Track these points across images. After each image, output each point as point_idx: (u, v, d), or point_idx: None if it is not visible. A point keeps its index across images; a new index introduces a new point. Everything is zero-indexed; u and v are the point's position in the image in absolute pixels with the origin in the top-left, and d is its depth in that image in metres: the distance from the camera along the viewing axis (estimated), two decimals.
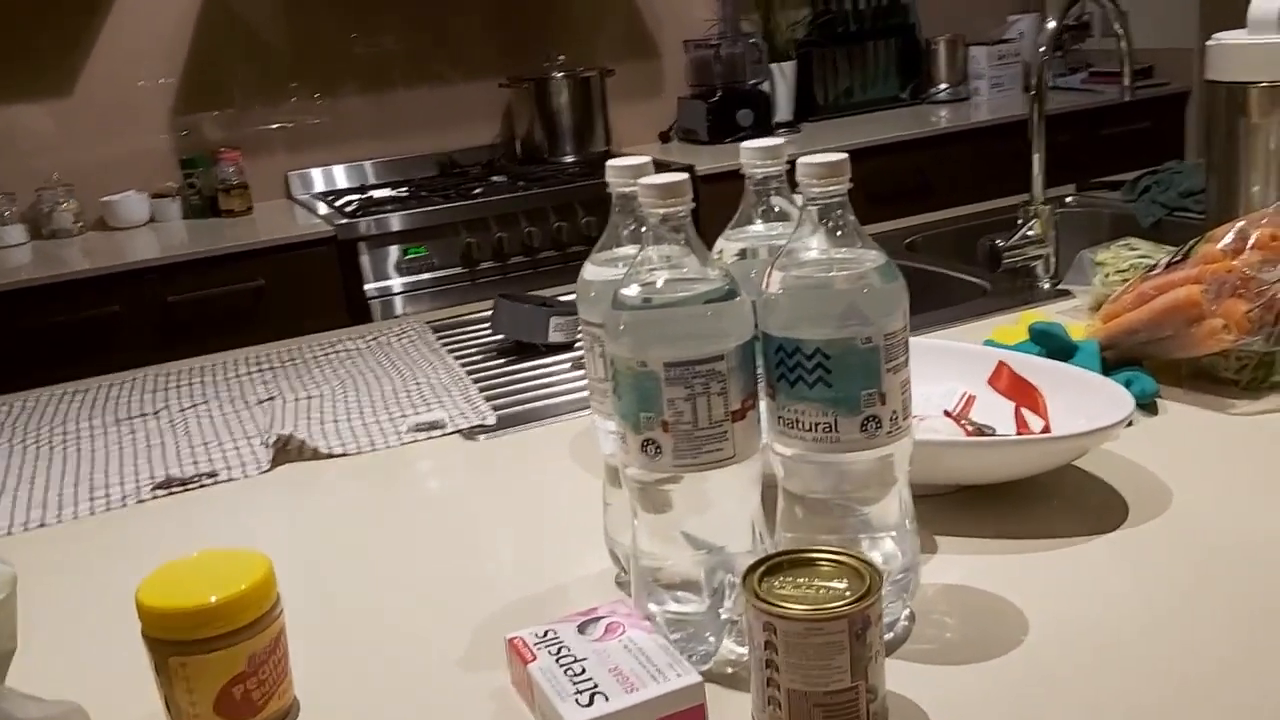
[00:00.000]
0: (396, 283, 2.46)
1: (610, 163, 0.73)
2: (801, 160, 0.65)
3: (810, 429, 0.66)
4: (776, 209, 0.77)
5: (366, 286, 2.43)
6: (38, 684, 0.68)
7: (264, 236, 2.41)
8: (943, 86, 3.23)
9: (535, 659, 0.66)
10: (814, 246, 0.67)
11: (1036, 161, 1.38)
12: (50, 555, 0.94)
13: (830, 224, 0.66)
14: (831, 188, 0.65)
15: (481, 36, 2.95)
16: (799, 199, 0.68)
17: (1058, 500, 0.86)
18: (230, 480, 1.05)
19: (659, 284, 0.66)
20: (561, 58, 2.90)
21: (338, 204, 2.61)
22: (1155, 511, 0.83)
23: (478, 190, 2.59)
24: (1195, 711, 0.61)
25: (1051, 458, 0.84)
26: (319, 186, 2.85)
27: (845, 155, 0.65)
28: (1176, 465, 0.89)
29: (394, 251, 2.44)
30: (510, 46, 2.98)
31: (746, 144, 0.74)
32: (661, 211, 0.65)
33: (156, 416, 1.23)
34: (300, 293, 2.38)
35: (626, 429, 0.66)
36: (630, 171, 0.72)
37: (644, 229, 0.67)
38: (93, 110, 2.67)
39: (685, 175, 0.65)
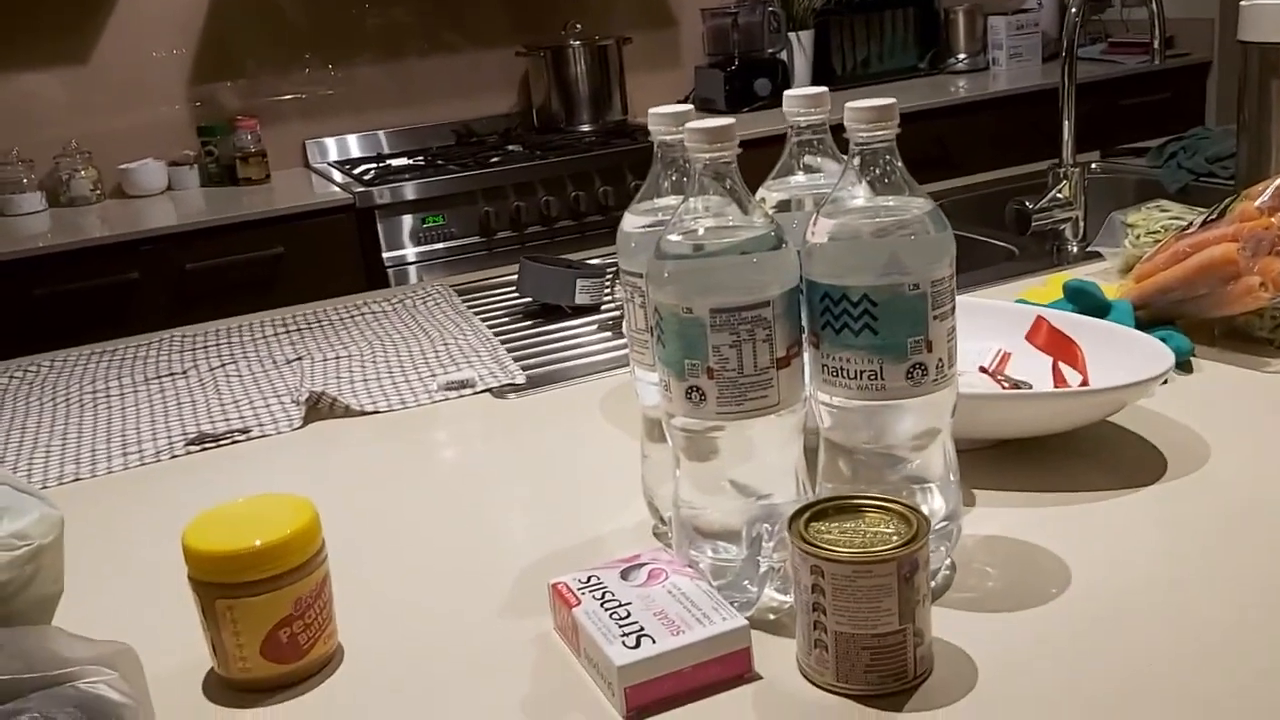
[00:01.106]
0: (413, 252, 2.46)
1: (653, 110, 0.72)
2: (850, 104, 0.65)
3: (855, 376, 0.66)
4: (817, 160, 0.77)
5: (384, 255, 2.43)
6: (84, 629, 0.68)
7: (282, 204, 2.41)
8: (961, 56, 3.21)
9: (580, 603, 0.66)
10: (860, 193, 0.66)
11: (1066, 125, 1.37)
12: (89, 507, 0.95)
13: (878, 170, 0.66)
14: (879, 132, 0.65)
15: (497, 5, 2.94)
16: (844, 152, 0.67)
17: (1095, 455, 0.85)
18: (263, 436, 1.06)
19: (703, 232, 0.65)
20: (578, 26, 2.88)
21: (355, 172, 2.60)
22: (1192, 467, 0.83)
23: (494, 159, 2.58)
24: (1228, 661, 0.62)
25: (1089, 411, 0.84)
26: (335, 155, 2.84)
27: (893, 100, 0.65)
28: (1212, 422, 0.89)
29: (411, 220, 2.44)
30: (526, 15, 2.96)
31: (790, 92, 0.74)
32: (707, 156, 0.64)
33: (185, 376, 1.23)
34: (318, 261, 2.37)
35: (671, 376, 0.66)
36: (673, 119, 0.71)
37: (687, 177, 0.67)
38: (109, 80, 2.66)
39: (732, 120, 0.65)
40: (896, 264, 0.65)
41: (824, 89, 0.74)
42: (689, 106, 0.72)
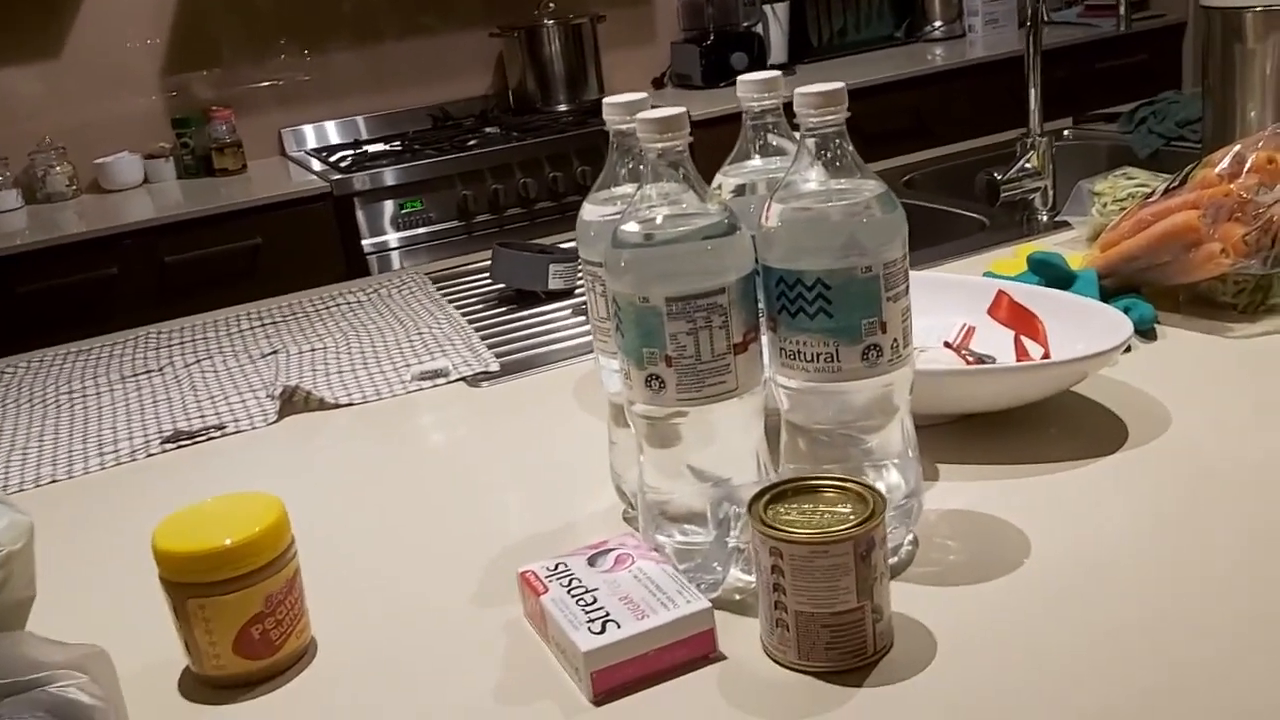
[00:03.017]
0: (393, 238, 2.45)
1: (607, 100, 0.73)
2: (798, 90, 0.65)
3: (812, 359, 0.67)
4: (774, 143, 0.77)
5: (363, 242, 2.43)
6: (57, 632, 0.69)
7: (259, 194, 2.40)
8: (937, 24, 3.20)
9: (547, 591, 0.67)
10: (812, 178, 0.67)
11: (1033, 95, 1.37)
12: (63, 510, 0.95)
13: (829, 154, 0.66)
14: (828, 117, 0.65)
15: None
16: (797, 134, 0.68)
17: (1058, 426, 0.87)
18: (238, 432, 1.06)
19: (658, 220, 0.66)
20: (551, 5, 2.87)
21: (332, 160, 2.60)
22: (1154, 434, 0.84)
23: (471, 142, 2.57)
24: (1191, 627, 0.63)
25: (1050, 383, 0.85)
26: (312, 143, 2.83)
27: (842, 84, 0.65)
28: (1175, 389, 0.90)
29: (389, 206, 2.44)
30: None
31: (743, 77, 0.74)
32: (659, 146, 0.65)
33: (161, 373, 1.23)
34: (297, 250, 2.37)
35: (630, 365, 0.67)
36: (627, 108, 0.72)
37: (642, 166, 0.68)
38: (82, 72, 2.65)
39: (683, 109, 0.65)
40: (849, 247, 0.65)
41: (777, 73, 0.74)
42: (643, 95, 0.73)
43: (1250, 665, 0.59)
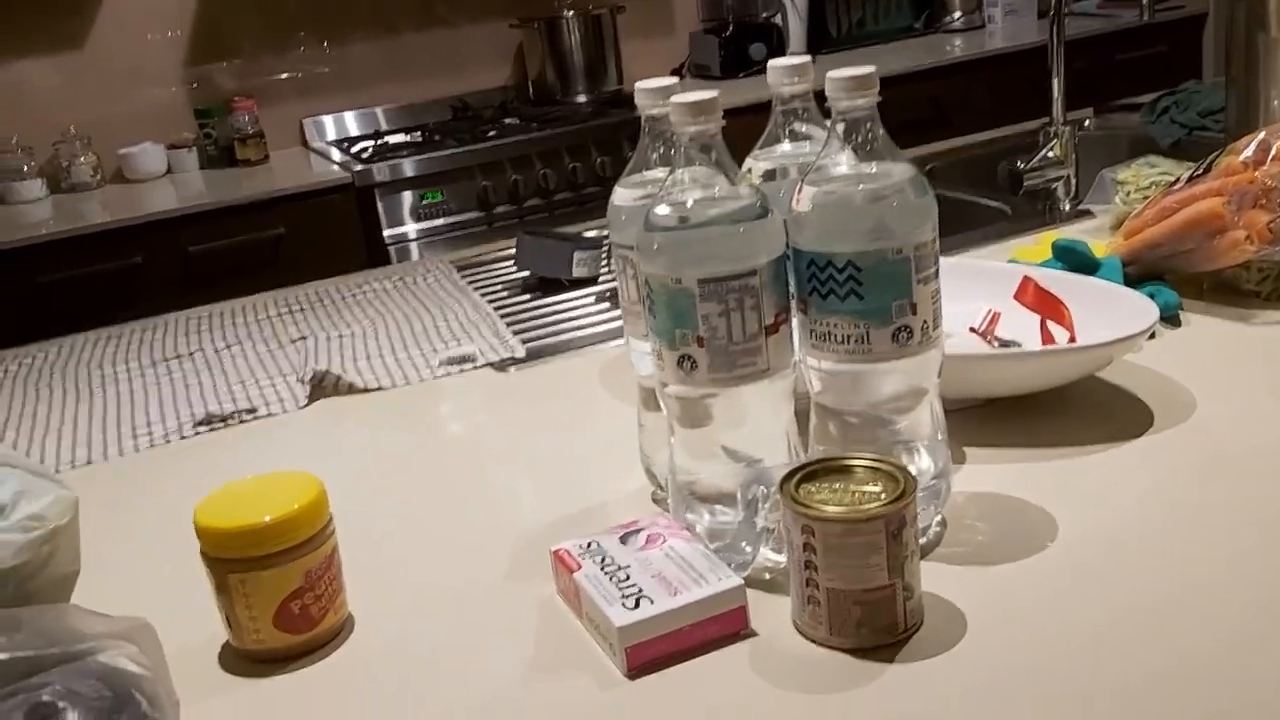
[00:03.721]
0: (413, 229, 2.47)
1: (639, 85, 0.74)
2: (830, 74, 0.66)
3: (843, 341, 0.68)
4: (803, 129, 0.78)
5: (384, 233, 2.44)
6: (100, 607, 0.70)
7: (281, 185, 2.42)
8: (956, 14, 3.20)
9: (580, 568, 0.68)
10: (843, 161, 0.68)
11: (1056, 84, 1.37)
12: (100, 489, 0.97)
13: (859, 138, 0.67)
14: (859, 100, 0.66)
15: None
16: (827, 121, 0.69)
17: (1083, 411, 0.87)
18: (269, 415, 1.08)
19: (690, 204, 0.67)
20: None
21: (353, 151, 2.61)
22: (1179, 420, 0.84)
23: (491, 133, 2.58)
24: (1212, 609, 0.63)
25: (1076, 368, 0.86)
26: (332, 134, 2.84)
27: (873, 68, 0.66)
28: (1199, 375, 0.90)
29: (409, 197, 2.45)
30: None
31: (774, 62, 0.75)
32: (691, 129, 0.66)
33: (191, 358, 1.25)
34: (319, 241, 2.38)
35: (662, 346, 0.68)
36: (659, 93, 0.73)
37: (674, 150, 0.69)
38: (105, 64, 2.67)
39: (715, 93, 0.66)
40: (880, 230, 0.66)
41: (807, 58, 0.75)
42: (674, 79, 0.74)
43: (1271, 647, 0.60)
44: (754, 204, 0.67)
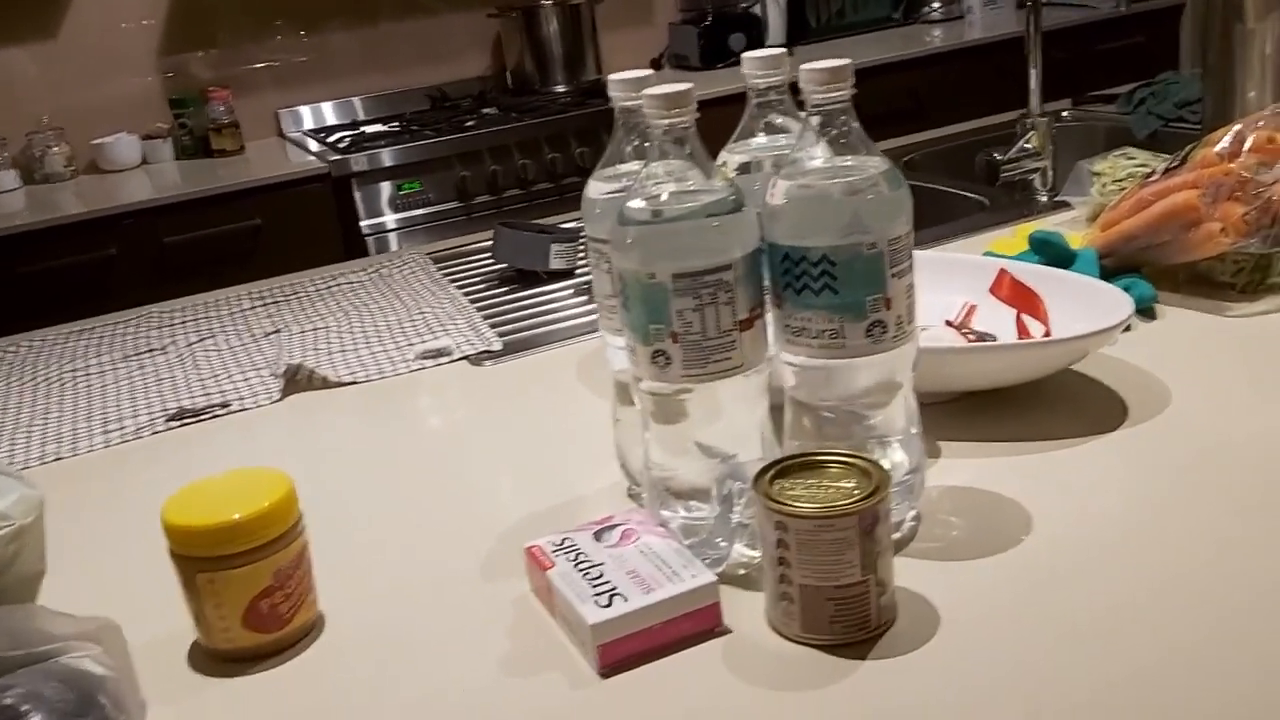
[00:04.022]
0: (391, 219, 2.45)
1: (612, 76, 0.73)
2: (804, 66, 0.66)
3: (817, 336, 0.67)
4: (778, 121, 0.77)
5: (362, 224, 2.43)
6: (67, 607, 0.69)
7: (257, 175, 2.40)
8: (935, 5, 3.20)
9: (554, 565, 0.68)
10: (818, 155, 0.67)
11: (1033, 75, 1.37)
12: (70, 486, 0.96)
13: (834, 131, 0.67)
14: (834, 93, 0.65)
15: None
16: (802, 112, 0.68)
17: (1059, 404, 0.87)
18: (242, 410, 1.07)
19: (664, 197, 0.66)
20: None
21: (329, 140, 2.59)
22: (1154, 412, 0.85)
23: (469, 123, 2.57)
24: (1190, 602, 0.64)
25: (1051, 361, 0.86)
26: (309, 124, 2.82)
27: (848, 60, 0.65)
28: (1175, 367, 0.90)
29: (388, 187, 2.44)
30: None
31: (748, 54, 0.74)
32: (665, 122, 0.65)
33: (164, 352, 1.24)
34: (296, 231, 2.37)
35: (636, 341, 0.67)
36: (633, 85, 0.72)
37: (648, 143, 0.68)
38: (79, 53, 2.64)
39: (689, 85, 0.65)
40: (854, 224, 0.66)
41: (782, 50, 0.75)
42: (649, 71, 0.73)
43: (1249, 640, 0.60)
44: (728, 198, 0.66)
